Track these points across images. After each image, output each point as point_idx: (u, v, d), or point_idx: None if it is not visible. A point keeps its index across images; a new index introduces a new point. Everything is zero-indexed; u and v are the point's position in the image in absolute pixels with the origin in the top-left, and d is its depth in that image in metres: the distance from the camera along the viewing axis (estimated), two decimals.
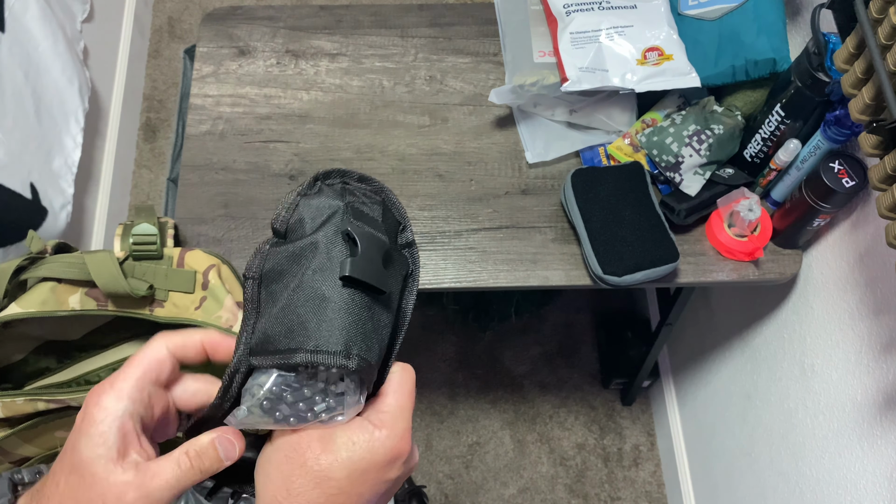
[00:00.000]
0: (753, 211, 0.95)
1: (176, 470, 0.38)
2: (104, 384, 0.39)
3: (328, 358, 0.37)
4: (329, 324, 0.38)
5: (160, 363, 0.40)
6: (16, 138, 1.26)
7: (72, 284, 0.81)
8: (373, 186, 0.45)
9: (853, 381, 0.93)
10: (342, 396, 0.39)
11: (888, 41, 0.66)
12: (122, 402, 0.38)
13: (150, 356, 0.40)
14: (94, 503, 0.37)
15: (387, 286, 0.41)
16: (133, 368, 0.39)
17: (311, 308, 0.39)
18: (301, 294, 0.39)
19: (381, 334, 0.41)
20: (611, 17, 1.03)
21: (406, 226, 0.46)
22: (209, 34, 1.15)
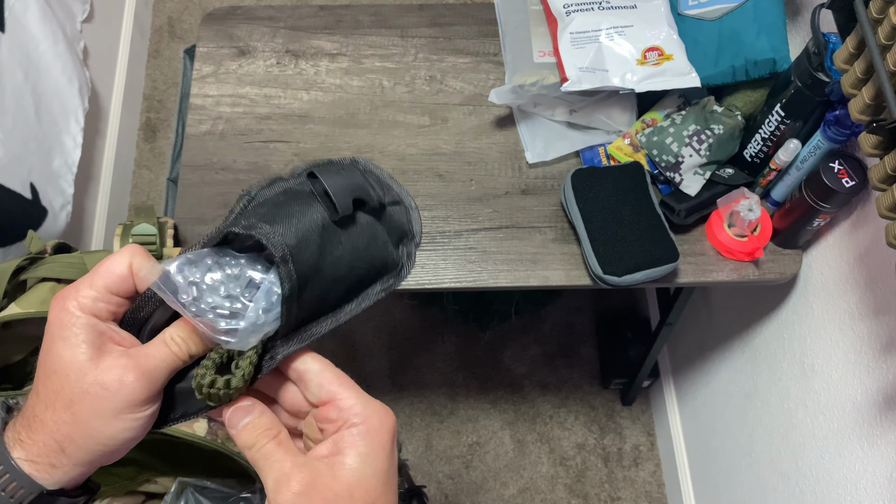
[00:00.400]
0: (753, 211, 0.95)
1: (166, 350, 0.39)
2: (67, 292, 0.38)
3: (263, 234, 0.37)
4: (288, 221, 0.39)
5: (122, 279, 0.39)
6: (16, 138, 1.26)
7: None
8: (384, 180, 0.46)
9: (853, 380, 0.93)
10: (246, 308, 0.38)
11: (888, 41, 0.66)
12: (90, 305, 0.38)
13: (113, 270, 0.39)
14: (88, 393, 0.37)
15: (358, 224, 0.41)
16: (97, 278, 0.39)
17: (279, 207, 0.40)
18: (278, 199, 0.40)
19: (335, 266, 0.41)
20: (611, 17, 1.03)
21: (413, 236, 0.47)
22: (209, 34, 1.15)
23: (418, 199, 1.04)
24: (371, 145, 1.08)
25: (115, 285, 0.39)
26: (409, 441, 1.65)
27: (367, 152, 1.07)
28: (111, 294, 0.39)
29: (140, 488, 0.88)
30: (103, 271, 0.39)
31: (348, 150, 1.07)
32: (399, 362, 1.72)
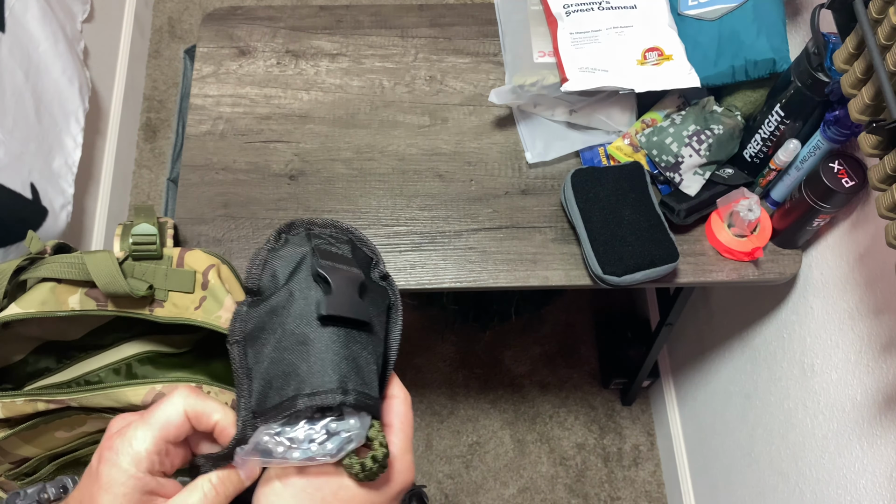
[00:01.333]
0: (753, 211, 0.95)
1: (201, 496, 0.39)
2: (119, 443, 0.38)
3: (326, 398, 0.38)
4: (320, 364, 0.39)
5: (180, 427, 0.39)
6: (16, 138, 1.26)
7: (71, 284, 0.81)
8: (338, 228, 0.46)
9: (853, 380, 0.93)
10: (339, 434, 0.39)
11: (888, 41, 0.66)
12: (145, 460, 0.38)
13: (171, 420, 0.39)
14: None
15: (367, 316, 0.41)
16: (153, 429, 0.39)
17: (298, 354, 0.39)
18: (286, 343, 0.40)
19: (372, 365, 0.41)
20: (611, 17, 1.04)
21: (378, 260, 0.47)
22: (209, 34, 1.15)
23: (418, 199, 1.04)
24: (371, 145, 1.08)
25: (173, 435, 0.39)
26: None
27: (366, 152, 1.07)
28: (168, 444, 0.39)
29: None
30: (161, 422, 0.39)
31: (348, 150, 1.07)
32: (399, 362, 1.71)
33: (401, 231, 1.01)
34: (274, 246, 0.43)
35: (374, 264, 0.47)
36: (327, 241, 0.44)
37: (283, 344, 0.40)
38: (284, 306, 0.40)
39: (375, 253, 0.47)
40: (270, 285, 0.42)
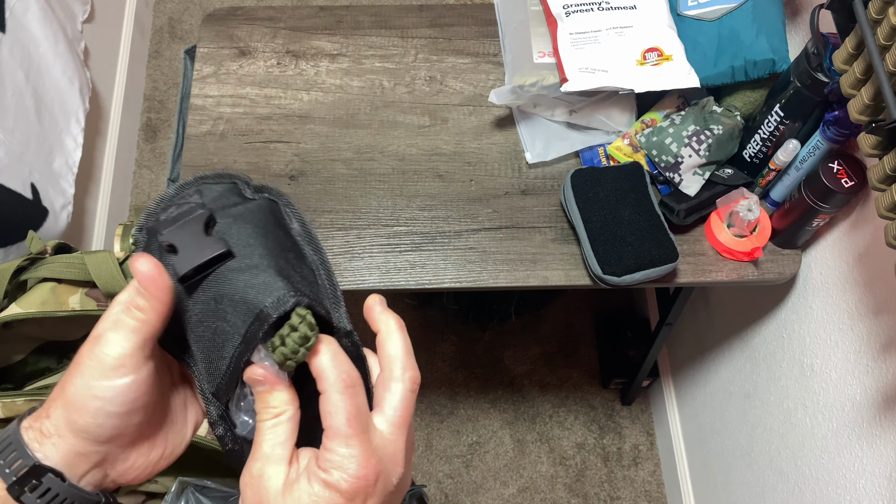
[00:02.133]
0: (752, 211, 0.95)
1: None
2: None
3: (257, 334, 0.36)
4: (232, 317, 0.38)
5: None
6: (17, 138, 1.26)
7: (72, 285, 0.81)
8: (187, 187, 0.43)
9: (852, 380, 0.94)
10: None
11: (887, 41, 0.66)
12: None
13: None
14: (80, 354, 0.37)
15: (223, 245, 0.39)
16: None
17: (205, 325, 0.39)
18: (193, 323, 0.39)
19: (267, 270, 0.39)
20: (610, 17, 1.04)
21: (241, 181, 0.45)
22: (209, 35, 1.16)
23: (418, 199, 1.04)
24: (371, 146, 1.08)
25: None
26: None
27: (367, 152, 1.07)
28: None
29: (140, 488, 0.88)
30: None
31: (348, 150, 1.07)
32: None
33: (401, 231, 1.01)
34: (143, 248, 0.42)
35: (242, 185, 0.45)
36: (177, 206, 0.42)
37: (191, 325, 0.40)
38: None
39: (237, 177, 0.45)
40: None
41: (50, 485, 0.37)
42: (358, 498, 0.36)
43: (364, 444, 0.36)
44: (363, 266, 0.98)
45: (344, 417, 0.36)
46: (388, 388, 0.39)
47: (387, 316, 0.41)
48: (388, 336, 0.40)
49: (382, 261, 0.99)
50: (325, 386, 0.36)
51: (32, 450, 0.37)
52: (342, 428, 0.36)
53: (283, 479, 0.36)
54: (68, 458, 0.38)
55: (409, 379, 0.39)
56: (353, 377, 0.37)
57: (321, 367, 0.37)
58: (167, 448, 0.43)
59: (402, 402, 0.38)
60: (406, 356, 0.40)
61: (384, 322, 0.41)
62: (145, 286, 0.37)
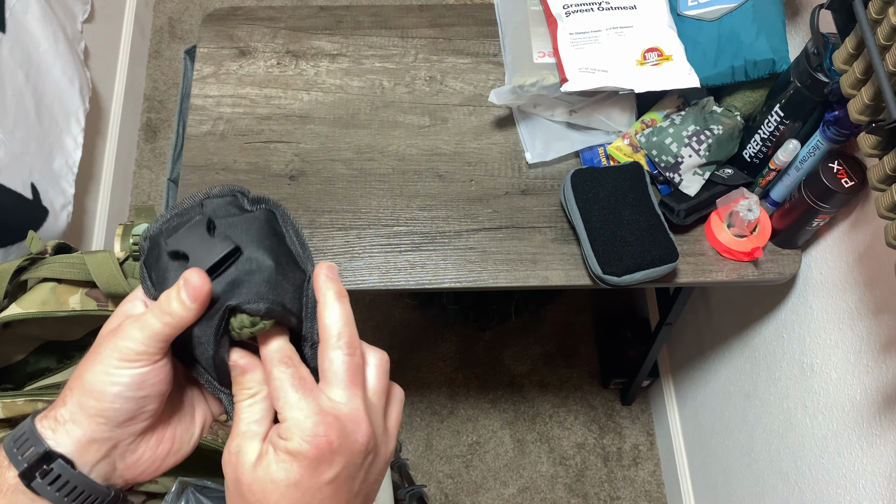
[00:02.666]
0: (752, 211, 0.95)
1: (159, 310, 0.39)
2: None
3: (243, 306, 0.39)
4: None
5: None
6: (17, 138, 1.26)
7: (72, 285, 0.81)
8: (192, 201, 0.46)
9: (852, 380, 0.94)
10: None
11: (887, 41, 0.66)
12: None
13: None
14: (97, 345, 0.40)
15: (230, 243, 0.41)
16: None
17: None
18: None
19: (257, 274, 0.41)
20: (610, 17, 1.04)
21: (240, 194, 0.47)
22: (210, 35, 1.16)
23: (418, 199, 1.04)
24: (371, 146, 1.08)
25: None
26: (409, 441, 1.65)
27: (367, 152, 1.07)
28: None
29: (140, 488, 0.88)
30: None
31: (348, 150, 1.07)
32: (399, 362, 1.72)
33: (401, 231, 1.01)
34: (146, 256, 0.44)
35: (241, 198, 0.47)
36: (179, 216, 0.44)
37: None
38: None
39: (235, 191, 0.47)
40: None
41: (60, 471, 0.38)
42: (324, 459, 0.37)
43: (314, 404, 0.37)
44: (363, 266, 0.98)
45: (289, 385, 0.38)
46: (326, 356, 0.40)
47: (327, 286, 0.41)
48: (325, 307, 0.41)
49: (382, 261, 0.99)
50: (269, 367, 0.39)
51: (45, 437, 0.39)
52: (289, 394, 0.38)
53: (257, 453, 0.38)
54: (81, 445, 0.39)
55: (346, 344, 0.40)
56: (294, 357, 0.40)
57: (265, 353, 0.40)
58: (174, 444, 0.44)
59: (345, 367, 0.39)
60: (343, 324, 0.40)
61: (323, 292, 0.41)
62: (193, 296, 0.38)
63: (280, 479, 0.36)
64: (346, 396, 0.39)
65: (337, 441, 0.37)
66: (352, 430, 0.38)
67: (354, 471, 0.38)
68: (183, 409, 0.45)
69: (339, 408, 0.38)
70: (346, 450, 0.37)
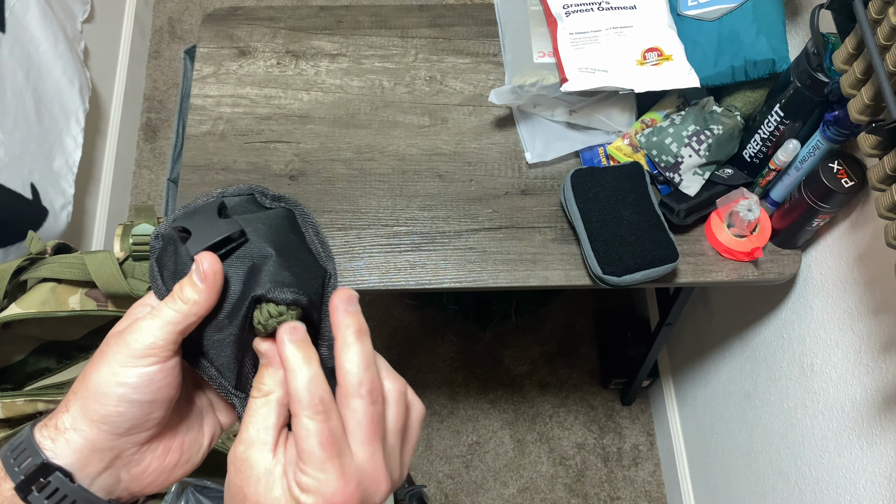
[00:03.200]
0: (752, 211, 0.95)
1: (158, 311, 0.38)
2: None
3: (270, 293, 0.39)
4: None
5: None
6: (17, 138, 1.26)
7: (72, 285, 0.81)
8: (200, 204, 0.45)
9: (852, 380, 0.94)
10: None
11: (887, 41, 0.66)
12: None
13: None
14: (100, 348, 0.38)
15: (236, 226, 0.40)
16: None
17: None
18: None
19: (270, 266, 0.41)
20: (610, 17, 1.04)
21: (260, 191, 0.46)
22: (209, 35, 1.16)
23: (418, 199, 1.04)
24: (371, 146, 1.08)
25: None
26: None
27: (367, 152, 1.07)
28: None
29: None
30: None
31: (348, 150, 1.07)
32: (399, 362, 1.72)
33: (401, 231, 1.01)
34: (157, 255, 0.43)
35: (261, 196, 0.46)
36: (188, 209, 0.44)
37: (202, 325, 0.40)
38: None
39: (254, 189, 0.46)
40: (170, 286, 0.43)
41: (58, 485, 0.37)
42: None
43: (339, 468, 0.35)
44: (363, 266, 0.98)
45: (317, 441, 0.35)
46: (348, 406, 0.37)
47: (347, 322, 0.38)
48: (344, 348, 0.37)
49: (382, 261, 0.99)
50: (297, 409, 0.36)
51: (43, 448, 0.37)
52: (315, 452, 0.35)
53: (265, 467, 0.36)
54: (81, 455, 0.38)
55: (367, 392, 0.37)
56: (327, 401, 0.36)
57: (296, 389, 0.36)
58: (182, 454, 0.42)
59: (366, 418, 0.37)
60: (363, 369, 0.37)
61: (342, 329, 0.38)
62: (203, 277, 0.38)
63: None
64: (368, 453, 0.37)
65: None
66: (371, 492, 0.37)
67: None
68: (191, 419, 0.44)
69: (364, 468, 0.36)
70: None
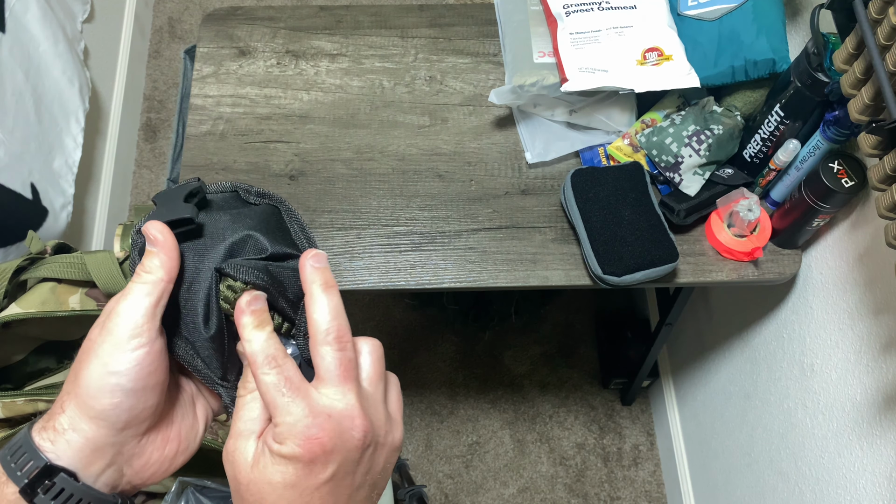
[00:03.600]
0: (753, 211, 0.95)
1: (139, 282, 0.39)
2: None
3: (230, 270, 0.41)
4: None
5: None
6: (16, 138, 1.26)
7: (72, 285, 0.81)
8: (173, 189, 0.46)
9: (852, 380, 0.94)
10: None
11: (887, 41, 0.66)
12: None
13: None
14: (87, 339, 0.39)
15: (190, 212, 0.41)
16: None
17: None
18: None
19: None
20: (610, 17, 1.04)
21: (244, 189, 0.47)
22: (209, 34, 1.16)
23: (418, 199, 1.04)
24: (371, 145, 1.08)
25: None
26: (409, 441, 1.65)
27: (367, 152, 1.07)
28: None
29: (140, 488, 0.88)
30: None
31: (348, 150, 1.07)
32: (399, 362, 1.72)
33: (401, 231, 1.01)
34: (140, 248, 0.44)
35: (244, 193, 0.47)
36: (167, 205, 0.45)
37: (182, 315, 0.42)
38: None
39: (238, 187, 0.47)
40: None
41: (63, 485, 0.37)
42: (318, 461, 0.36)
43: (307, 406, 0.37)
44: (363, 266, 0.98)
45: (277, 390, 0.37)
46: (317, 353, 0.38)
47: (314, 277, 0.40)
48: (312, 299, 0.39)
49: (382, 261, 0.99)
50: (255, 370, 0.38)
51: (44, 450, 0.37)
52: (278, 398, 0.37)
53: (253, 452, 0.38)
54: (83, 455, 0.38)
55: (335, 339, 0.38)
56: (280, 357, 0.38)
57: (250, 352, 0.38)
58: (181, 443, 0.43)
59: (336, 363, 0.38)
60: (331, 318, 0.39)
61: (309, 284, 0.39)
62: (157, 243, 0.39)
63: (276, 480, 0.36)
64: (340, 393, 0.38)
65: (330, 442, 0.37)
66: (347, 428, 0.37)
67: (353, 466, 0.38)
68: (185, 406, 0.45)
69: (334, 405, 0.37)
70: (341, 448, 0.37)
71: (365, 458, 0.39)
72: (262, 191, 0.47)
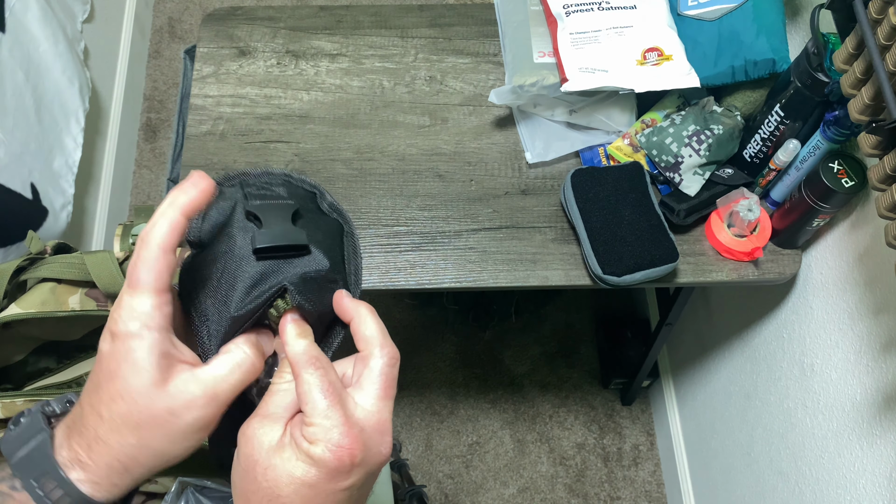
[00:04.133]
0: (753, 211, 0.95)
1: (233, 363, 0.40)
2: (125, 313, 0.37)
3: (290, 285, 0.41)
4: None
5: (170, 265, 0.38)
6: (16, 138, 1.26)
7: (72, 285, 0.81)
8: (272, 174, 0.47)
9: (852, 380, 0.94)
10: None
11: (887, 41, 0.66)
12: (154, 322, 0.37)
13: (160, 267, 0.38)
14: (157, 418, 0.37)
15: (303, 239, 0.42)
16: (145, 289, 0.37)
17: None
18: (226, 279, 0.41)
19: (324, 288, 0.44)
20: (610, 17, 1.04)
21: (322, 192, 0.48)
22: (209, 35, 1.16)
23: (418, 199, 1.04)
24: (371, 145, 1.08)
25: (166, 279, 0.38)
26: (409, 441, 1.65)
27: (367, 152, 1.07)
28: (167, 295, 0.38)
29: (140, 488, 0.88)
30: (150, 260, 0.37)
31: (348, 150, 1.07)
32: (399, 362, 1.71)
33: (401, 231, 1.01)
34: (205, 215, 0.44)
35: (320, 197, 0.48)
36: (261, 186, 0.45)
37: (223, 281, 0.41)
38: (225, 251, 0.42)
39: (317, 187, 0.48)
40: (210, 236, 0.43)
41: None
42: (344, 470, 0.37)
43: (343, 415, 0.37)
44: (363, 266, 0.98)
45: (319, 391, 0.37)
46: (366, 364, 0.40)
47: (356, 304, 0.43)
48: (362, 321, 0.42)
49: (382, 261, 0.99)
50: (297, 370, 0.38)
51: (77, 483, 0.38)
52: (319, 401, 0.37)
53: (278, 437, 0.38)
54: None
55: (387, 354, 0.41)
56: (324, 360, 0.39)
57: (294, 354, 0.39)
58: None
59: (382, 376, 0.40)
60: (381, 335, 0.41)
61: (355, 309, 0.42)
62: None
63: (297, 475, 0.37)
64: (377, 407, 0.39)
65: (360, 454, 0.37)
66: (377, 443, 0.38)
67: (371, 479, 0.39)
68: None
69: (368, 419, 0.38)
70: (367, 462, 0.38)
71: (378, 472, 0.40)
72: (335, 203, 0.48)
